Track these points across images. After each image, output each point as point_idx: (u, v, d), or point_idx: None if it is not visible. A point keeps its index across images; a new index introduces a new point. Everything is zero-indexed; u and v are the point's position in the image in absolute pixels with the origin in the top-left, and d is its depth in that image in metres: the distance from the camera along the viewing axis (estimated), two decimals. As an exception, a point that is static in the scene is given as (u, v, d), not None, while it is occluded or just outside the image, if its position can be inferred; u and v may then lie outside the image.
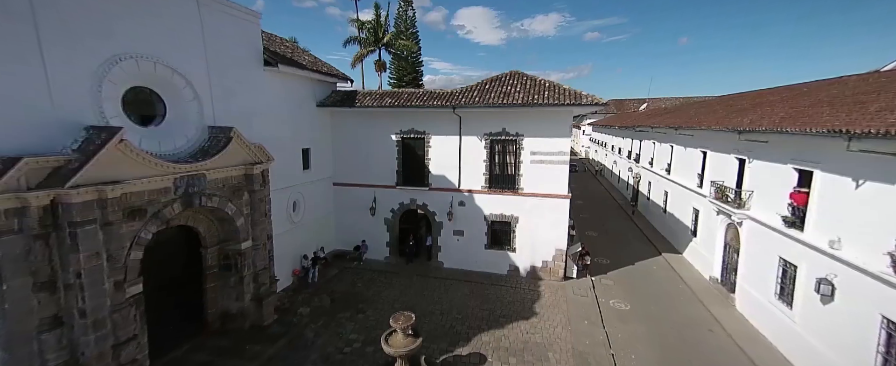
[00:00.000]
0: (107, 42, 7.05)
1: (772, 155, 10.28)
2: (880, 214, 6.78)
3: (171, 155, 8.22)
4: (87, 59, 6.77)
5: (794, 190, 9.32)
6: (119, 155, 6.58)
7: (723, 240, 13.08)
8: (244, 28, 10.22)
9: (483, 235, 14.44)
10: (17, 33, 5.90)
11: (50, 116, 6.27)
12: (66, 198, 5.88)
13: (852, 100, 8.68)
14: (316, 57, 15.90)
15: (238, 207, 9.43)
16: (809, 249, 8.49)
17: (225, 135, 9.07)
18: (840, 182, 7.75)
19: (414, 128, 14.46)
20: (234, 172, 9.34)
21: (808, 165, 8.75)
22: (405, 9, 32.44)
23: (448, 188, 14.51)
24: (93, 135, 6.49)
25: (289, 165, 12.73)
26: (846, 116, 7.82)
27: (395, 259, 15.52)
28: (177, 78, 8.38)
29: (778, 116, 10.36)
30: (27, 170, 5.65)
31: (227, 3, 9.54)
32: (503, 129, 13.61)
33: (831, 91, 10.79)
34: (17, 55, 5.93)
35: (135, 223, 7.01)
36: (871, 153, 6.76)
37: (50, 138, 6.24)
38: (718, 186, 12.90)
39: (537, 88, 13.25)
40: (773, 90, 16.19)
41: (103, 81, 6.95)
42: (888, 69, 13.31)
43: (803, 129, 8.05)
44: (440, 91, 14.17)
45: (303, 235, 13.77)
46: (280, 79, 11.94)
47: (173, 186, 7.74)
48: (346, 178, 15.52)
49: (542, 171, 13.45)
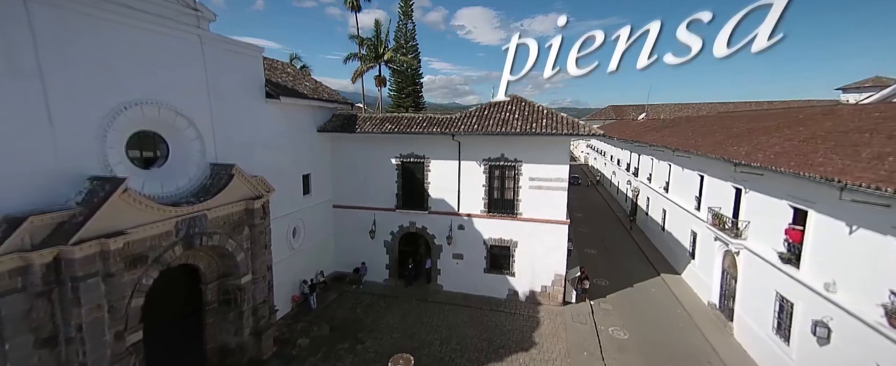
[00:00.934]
0: (112, 92, 7.16)
1: (767, 188, 10.38)
2: (873, 263, 6.87)
3: (173, 195, 8.30)
4: (93, 111, 6.87)
5: (789, 226, 9.41)
6: (122, 204, 6.65)
7: (720, 266, 13.16)
8: (246, 63, 10.34)
9: (482, 259, 14.50)
10: (25, 91, 6.00)
11: (55, 169, 6.35)
12: (70, 254, 5.94)
13: (846, 140, 8.80)
14: (317, 82, 16.04)
15: (238, 243, 9.48)
16: (805, 288, 8.57)
17: (226, 172, 9.15)
18: (834, 225, 7.85)
19: (414, 152, 14.56)
20: (235, 207, 9.40)
21: (803, 204, 8.85)
22: (405, 22, 32.76)
23: (447, 212, 14.58)
24: (97, 186, 6.57)
25: (289, 192, 12.81)
26: (839, 159, 7.94)
27: (395, 281, 15.55)
28: (180, 119, 8.48)
29: (773, 150, 10.47)
30: (32, 228, 5.72)
31: (229, 41, 9.66)
32: (502, 154, 13.71)
33: (826, 124, 10.93)
34: (25, 113, 6.02)
35: (136, 271, 7.07)
36: (863, 204, 6.86)
37: (54, 190, 6.31)
38: (715, 212, 13.01)
39: (535, 116, 13.37)
40: (769, 112, 16.37)
41: (108, 131, 7.04)
42: (873, 100, 13.50)
43: (797, 171, 8.15)
44: (440, 117, 14.29)
45: (303, 260, 13.81)
46: (281, 109, 12.04)
47: (175, 229, 7.80)
48: (346, 200, 15.59)
49: (541, 196, 13.54)
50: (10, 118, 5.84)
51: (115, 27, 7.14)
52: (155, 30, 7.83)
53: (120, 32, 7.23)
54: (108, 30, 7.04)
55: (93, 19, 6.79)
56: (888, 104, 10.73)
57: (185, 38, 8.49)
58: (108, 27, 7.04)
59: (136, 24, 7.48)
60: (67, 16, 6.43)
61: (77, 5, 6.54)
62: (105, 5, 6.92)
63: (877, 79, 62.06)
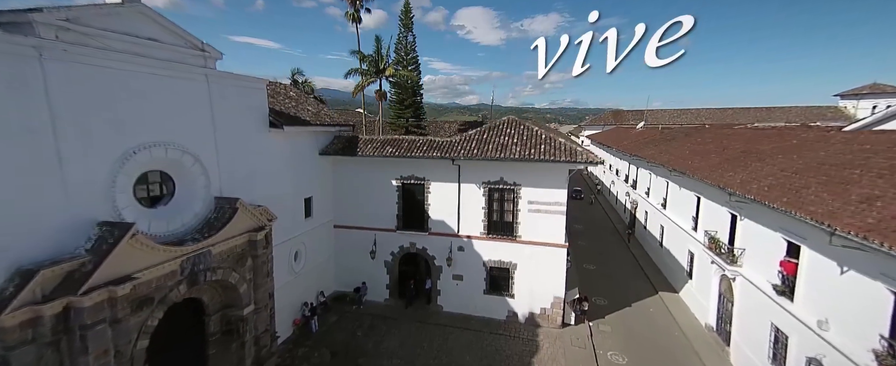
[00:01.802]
0: (122, 138, 7.32)
1: (762, 219, 10.56)
2: (864, 305, 7.03)
3: (178, 232, 8.44)
4: (103, 159, 7.02)
5: (784, 259, 9.58)
6: (130, 249, 6.79)
7: (717, 289, 13.32)
8: (250, 95, 10.52)
9: (482, 281, 14.64)
10: (38, 145, 6.14)
11: (65, 217, 6.48)
12: (79, 303, 6.07)
13: (837, 176, 8.98)
14: (319, 103, 16.21)
15: (241, 275, 9.62)
16: (799, 323, 8.73)
17: (231, 206, 9.30)
18: (826, 263, 8.02)
19: (414, 174, 14.73)
20: (239, 240, 9.54)
21: (796, 239, 9.02)
22: (405, 34, 33.00)
23: (447, 233, 14.73)
24: (105, 232, 6.71)
25: (291, 216, 12.95)
26: (830, 198, 8.12)
27: (395, 301, 15.67)
28: (186, 157, 8.64)
29: (767, 180, 10.66)
30: (43, 280, 5.86)
31: (234, 77, 9.83)
32: (501, 178, 13.88)
33: (819, 154, 11.13)
34: (37, 165, 6.15)
35: (142, 313, 7.20)
36: (852, 249, 7.02)
37: (64, 238, 6.45)
38: (711, 236, 13.18)
39: (534, 141, 13.55)
40: (765, 133, 16.53)
41: (117, 176, 7.19)
42: (867, 123, 13.76)
43: (788, 209, 8.33)
44: (440, 141, 14.46)
45: (304, 283, 13.94)
46: (284, 136, 12.20)
47: (180, 268, 7.94)
48: (347, 220, 15.73)
49: (540, 219, 13.70)
50: (22, 172, 5.98)
51: (126, 75, 7.31)
52: (164, 74, 8.01)
53: (130, 80, 7.40)
54: (119, 78, 7.21)
55: (106, 70, 6.96)
56: (879, 134, 10.90)
57: (193, 78, 8.67)
58: (119, 76, 7.20)
59: (146, 70, 7.66)
60: (81, 69, 6.60)
61: (91, 59, 6.71)
62: (118, 56, 7.09)
63: (874, 85, 62.58)
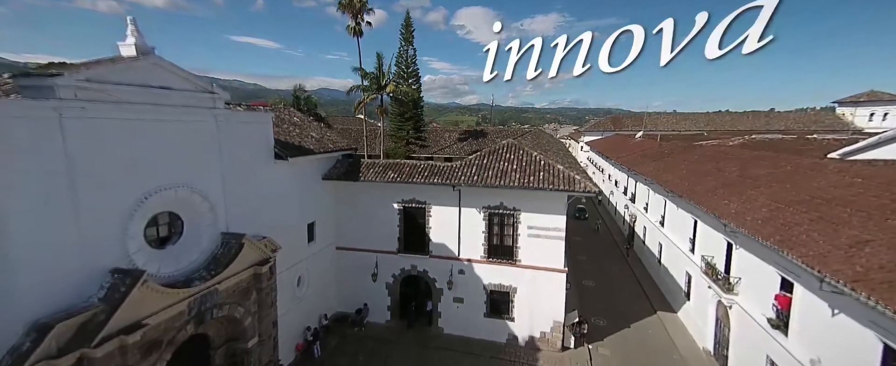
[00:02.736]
0: (135, 186, 7.54)
1: (757, 251, 10.75)
2: (855, 349, 7.23)
3: (186, 270, 8.64)
4: (117, 207, 7.24)
5: (779, 292, 9.78)
6: (141, 296, 7.00)
7: (714, 314, 13.50)
8: (257, 130, 10.77)
9: (482, 304, 14.83)
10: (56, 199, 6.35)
11: (79, 267, 6.68)
12: (92, 354, 6.27)
13: (829, 213, 9.19)
14: (322, 127, 16.43)
15: (246, 309, 9.81)
16: (794, 359, 8.92)
17: (237, 242, 9.50)
18: (818, 303, 8.22)
19: (415, 197, 14.95)
20: (244, 275, 9.73)
21: (790, 275, 9.23)
22: (406, 48, 33.39)
23: (448, 256, 14.93)
24: (118, 280, 6.92)
25: (295, 242, 13.14)
26: (821, 238, 8.34)
27: (396, 323, 15.85)
28: (195, 196, 8.86)
29: (761, 212, 10.87)
30: (58, 334, 6.06)
31: (242, 114, 10.08)
32: (501, 203, 14.10)
33: (812, 184, 11.37)
34: (54, 219, 6.36)
35: (151, 357, 7.39)
36: (842, 295, 7.22)
37: (78, 288, 6.65)
38: (708, 261, 13.38)
39: (533, 167, 13.78)
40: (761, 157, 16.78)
41: (130, 223, 7.40)
42: (858, 147, 14.04)
43: (779, 248, 8.55)
44: (441, 166, 14.68)
45: (307, 307, 14.12)
46: (289, 166, 12.43)
47: (188, 308, 8.14)
48: (349, 242, 15.94)
49: (539, 244, 13.91)
50: (40, 228, 6.20)
51: (139, 124, 7.54)
52: (175, 119, 8.25)
53: (144, 128, 7.63)
54: (133, 128, 7.44)
55: (122, 122, 7.19)
56: (870, 167, 11.14)
57: (203, 120, 8.90)
58: (133, 125, 7.43)
59: (159, 117, 7.89)
60: (98, 123, 6.82)
61: (107, 112, 6.94)
62: (132, 107, 7.32)
63: (872, 92, 62.66)
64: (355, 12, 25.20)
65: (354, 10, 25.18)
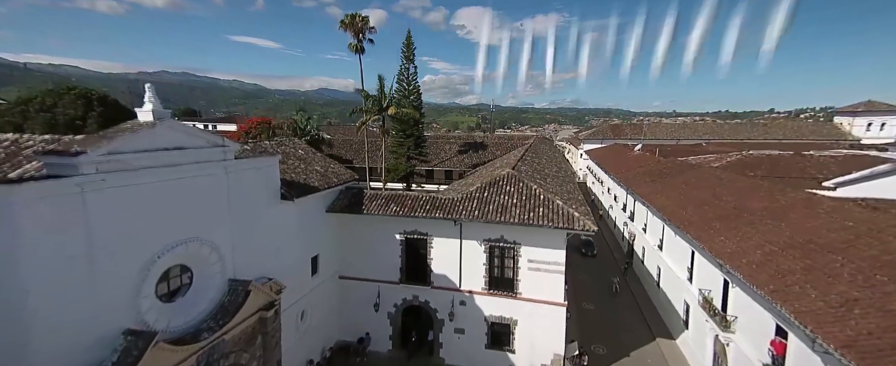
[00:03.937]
0: (149, 245, 7.76)
1: (753, 294, 10.96)
2: (845, 406, 7.43)
3: (194, 321, 8.84)
4: (130, 269, 7.46)
5: (774, 338, 9.99)
6: (153, 357, 7.20)
7: (712, 348, 13.69)
8: (264, 174, 11.01)
9: (483, 335, 15.02)
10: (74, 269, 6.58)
11: (94, 331, 6.90)
12: (107, 421, 6.47)
13: (821, 261, 9.44)
14: (327, 160, 16.68)
15: (252, 354, 10.01)
16: (787, 407, 9.13)
17: (243, 288, 9.72)
18: (812, 357, 8.43)
19: (417, 229, 15.18)
20: (250, 320, 9.94)
21: (784, 324, 9.45)
22: (407, 66, 33.87)
23: (449, 287, 15.14)
24: (130, 343, 7.13)
25: (299, 276, 13.35)
26: (813, 290, 8.58)
27: (398, 352, 16.02)
28: (204, 248, 9.08)
29: (755, 254, 11.12)
30: (75, 404, 6.27)
31: (250, 161, 10.33)
32: (502, 236, 14.34)
33: (806, 224, 11.62)
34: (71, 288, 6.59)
35: (163, 414, 7.58)
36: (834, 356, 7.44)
37: (93, 352, 6.86)
38: (705, 296, 13.59)
39: (533, 202, 14.03)
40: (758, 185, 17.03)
41: (143, 284, 7.62)
42: (854, 177, 14.29)
43: (773, 300, 8.78)
44: (443, 199, 14.92)
45: (309, 341, 14.31)
46: (294, 204, 12.65)
47: (196, 361, 8.34)
48: (352, 271, 16.15)
49: (539, 277, 14.12)
50: (59, 297, 6.43)
51: (154, 186, 7.77)
52: (188, 176, 8.49)
53: (159, 188, 7.86)
54: (148, 190, 7.67)
55: (137, 187, 7.43)
56: (862, 208, 11.39)
57: (214, 174, 9.15)
58: (149, 188, 7.67)
59: (173, 176, 8.12)
60: (116, 191, 7.06)
61: (126, 180, 7.17)
62: (151, 170, 7.55)
63: (870, 103, 63.22)
64: (357, 31, 25.67)
65: (356, 29, 25.64)
